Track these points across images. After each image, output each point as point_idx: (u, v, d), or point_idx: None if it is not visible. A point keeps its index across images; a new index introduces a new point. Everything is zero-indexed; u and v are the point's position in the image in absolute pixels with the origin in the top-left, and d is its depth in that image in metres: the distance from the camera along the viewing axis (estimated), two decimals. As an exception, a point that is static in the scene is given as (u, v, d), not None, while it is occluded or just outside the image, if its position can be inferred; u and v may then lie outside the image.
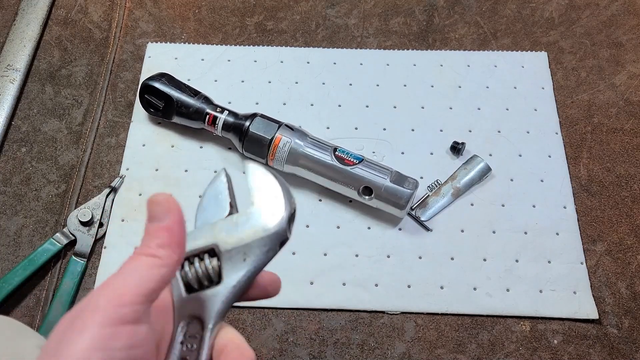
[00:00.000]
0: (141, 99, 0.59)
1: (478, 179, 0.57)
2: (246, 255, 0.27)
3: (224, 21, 0.69)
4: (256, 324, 0.51)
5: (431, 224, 0.55)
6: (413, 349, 0.50)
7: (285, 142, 0.54)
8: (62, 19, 0.69)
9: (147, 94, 0.58)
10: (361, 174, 0.53)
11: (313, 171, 0.54)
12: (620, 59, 0.66)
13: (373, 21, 0.69)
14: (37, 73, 0.65)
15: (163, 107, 0.58)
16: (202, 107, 0.57)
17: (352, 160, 0.53)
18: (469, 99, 0.63)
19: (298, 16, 0.69)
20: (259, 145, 0.55)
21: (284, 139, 0.54)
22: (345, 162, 0.53)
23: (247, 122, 0.55)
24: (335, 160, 0.53)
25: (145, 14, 0.69)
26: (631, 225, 0.56)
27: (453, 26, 0.68)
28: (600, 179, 0.58)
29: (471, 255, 0.54)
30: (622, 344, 0.50)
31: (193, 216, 0.29)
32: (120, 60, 0.66)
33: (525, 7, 0.70)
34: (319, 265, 0.53)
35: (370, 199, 0.53)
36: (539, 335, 0.51)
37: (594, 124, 0.62)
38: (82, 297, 0.53)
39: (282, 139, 0.54)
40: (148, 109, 0.59)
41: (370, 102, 0.63)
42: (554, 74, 0.65)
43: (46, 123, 0.62)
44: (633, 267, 0.54)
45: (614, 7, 0.70)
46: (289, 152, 0.54)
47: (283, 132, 0.55)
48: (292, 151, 0.54)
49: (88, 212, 0.54)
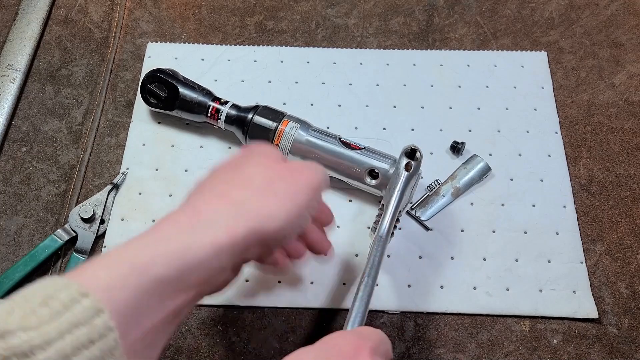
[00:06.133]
0: (143, 89, 0.59)
1: (478, 179, 0.57)
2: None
3: (224, 21, 0.69)
4: (256, 323, 0.51)
5: (431, 224, 0.55)
6: (413, 348, 0.50)
7: (290, 128, 0.55)
8: (62, 19, 0.69)
9: (152, 83, 0.58)
10: (367, 158, 0.53)
11: (319, 157, 0.54)
12: (620, 59, 0.66)
13: (373, 21, 0.69)
14: (37, 73, 0.65)
15: (165, 98, 0.58)
16: (204, 100, 0.57)
17: (358, 146, 0.54)
18: (468, 98, 0.63)
19: (298, 16, 0.69)
20: (264, 134, 0.55)
21: (290, 125, 0.55)
22: (351, 147, 0.54)
23: (250, 114, 0.56)
24: (342, 145, 0.54)
25: (145, 14, 0.69)
26: (631, 225, 0.56)
27: (453, 26, 0.68)
28: (600, 179, 0.58)
29: (471, 255, 0.54)
30: (622, 344, 0.50)
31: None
32: (120, 60, 0.66)
33: (525, 7, 0.70)
34: (319, 266, 0.53)
35: (376, 183, 0.53)
36: (539, 335, 0.51)
37: (594, 124, 0.62)
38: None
39: (288, 123, 0.55)
40: (149, 100, 0.59)
41: (370, 102, 0.63)
42: (554, 73, 0.65)
43: (46, 123, 0.62)
44: (633, 267, 0.54)
45: (614, 7, 0.70)
46: (294, 139, 0.55)
47: (288, 119, 0.56)
48: (297, 138, 0.55)
49: (89, 209, 0.54)
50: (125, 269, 0.28)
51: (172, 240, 0.31)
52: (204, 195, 0.35)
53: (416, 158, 0.50)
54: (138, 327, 0.28)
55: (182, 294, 0.31)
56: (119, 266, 0.29)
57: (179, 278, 0.30)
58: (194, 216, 0.33)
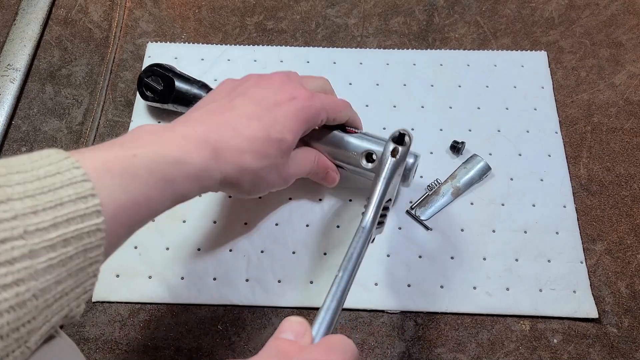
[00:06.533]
0: (140, 83, 0.59)
1: (478, 178, 0.57)
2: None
3: (224, 21, 0.69)
4: (256, 323, 0.51)
5: (431, 223, 0.55)
6: (413, 348, 0.50)
7: None
8: (62, 19, 0.69)
9: (148, 76, 0.59)
10: (362, 141, 0.51)
11: (314, 141, 0.52)
12: (620, 59, 0.66)
13: (373, 21, 0.69)
14: (37, 73, 0.65)
15: (161, 91, 0.58)
16: (200, 92, 0.58)
17: (353, 130, 0.52)
18: (468, 98, 0.63)
19: (298, 16, 0.69)
20: None
21: None
22: (347, 130, 0.52)
23: None
24: (337, 129, 0.52)
25: (145, 14, 0.69)
26: (631, 225, 0.56)
27: (453, 26, 0.68)
28: (600, 179, 0.58)
29: (471, 255, 0.54)
30: (622, 343, 0.50)
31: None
32: (120, 60, 0.66)
33: (525, 7, 0.70)
34: (319, 265, 0.53)
35: (373, 166, 0.50)
36: (539, 335, 0.51)
37: (594, 124, 0.62)
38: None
39: None
40: (145, 94, 0.59)
41: (370, 102, 0.63)
42: (554, 73, 0.65)
43: (46, 122, 0.62)
44: (633, 267, 0.54)
45: (614, 7, 0.70)
46: None
47: None
48: None
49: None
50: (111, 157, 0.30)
51: (145, 140, 0.33)
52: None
53: (404, 143, 0.47)
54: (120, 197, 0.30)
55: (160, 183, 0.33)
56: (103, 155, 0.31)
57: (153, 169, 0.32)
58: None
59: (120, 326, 0.51)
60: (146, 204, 0.31)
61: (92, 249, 0.27)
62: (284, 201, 0.57)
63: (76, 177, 0.27)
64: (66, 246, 0.26)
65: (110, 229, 0.28)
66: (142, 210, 0.31)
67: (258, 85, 0.44)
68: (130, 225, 0.31)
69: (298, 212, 0.56)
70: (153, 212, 0.33)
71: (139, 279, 0.53)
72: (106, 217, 0.28)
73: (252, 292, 0.52)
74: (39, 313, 0.25)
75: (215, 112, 0.39)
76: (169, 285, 0.53)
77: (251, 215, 0.56)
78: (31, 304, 0.24)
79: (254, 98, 0.42)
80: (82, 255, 0.27)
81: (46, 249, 0.25)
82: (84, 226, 0.26)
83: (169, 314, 0.52)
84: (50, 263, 0.25)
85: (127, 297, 0.52)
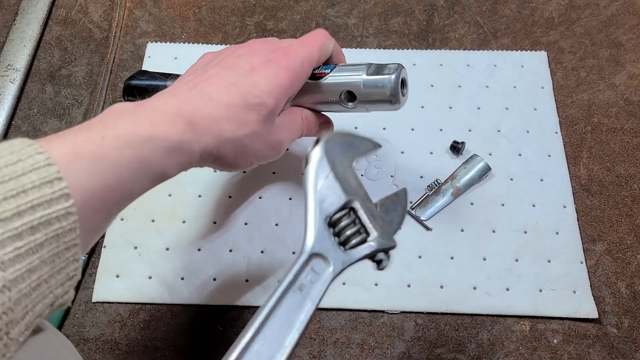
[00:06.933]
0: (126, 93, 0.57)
1: (478, 179, 0.57)
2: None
3: (224, 21, 0.69)
4: (256, 323, 0.51)
5: (431, 223, 0.55)
6: (413, 348, 0.50)
7: None
8: (62, 19, 0.69)
9: (128, 95, 0.55)
10: (336, 81, 0.45)
11: (292, 101, 0.47)
12: (620, 59, 0.66)
13: (373, 21, 0.69)
14: (37, 73, 0.65)
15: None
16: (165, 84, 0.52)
17: (324, 72, 0.46)
18: (468, 98, 0.63)
19: (298, 16, 0.69)
20: None
21: None
22: (316, 76, 0.46)
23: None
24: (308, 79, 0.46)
25: (145, 14, 0.69)
26: (631, 225, 0.56)
27: (453, 26, 0.68)
28: (600, 179, 0.58)
29: (471, 255, 0.54)
30: (622, 344, 0.50)
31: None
32: (120, 60, 0.66)
33: (525, 7, 0.70)
34: (318, 265, 0.53)
35: (354, 105, 0.45)
36: (539, 335, 0.51)
37: (594, 124, 0.62)
38: (82, 296, 0.53)
39: None
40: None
41: (370, 102, 0.63)
42: (554, 73, 0.65)
43: (46, 123, 0.62)
44: (633, 267, 0.54)
45: (614, 7, 0.70)
46: None
47: None
48: None
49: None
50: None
51: (115, 120, 0.32)
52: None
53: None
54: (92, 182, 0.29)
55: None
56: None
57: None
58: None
59: (120, 326, 0.51)
60: (119, 186, 0.30)
61: (65, 234, 0.26)
62: (284, 201, 0.57)
63: (39, 163, 0.26)
64: (34, 233, 0.25)
65: (84, 213, 0.27)
66: (116, 193, 0.30)
67: (233, 54, 0.41)
68: (108, 208, 0.30)
69: (298, 212, 0.56)
70: (129, 193, 0.31)
71: (139, 279, 0.53)
72: (77, 201, 0.27)
73: (252, 292, 0.52)
74: (15, 304, 0.24)
75: (188, 84, 0.37)
76: (169, 285, 0.53)
77: (251, 215, 0.56)
78: (3, 295, 0.23)
79: (230, 66, 0.39)
80: (54, 241, 0.26)
81: (11, 238, 0.24)
82: (51, 211, 0.26)
83: (168, 314, 0.52)
84: (18, 252, 0.24)
85: (127, 297, 0.52)
